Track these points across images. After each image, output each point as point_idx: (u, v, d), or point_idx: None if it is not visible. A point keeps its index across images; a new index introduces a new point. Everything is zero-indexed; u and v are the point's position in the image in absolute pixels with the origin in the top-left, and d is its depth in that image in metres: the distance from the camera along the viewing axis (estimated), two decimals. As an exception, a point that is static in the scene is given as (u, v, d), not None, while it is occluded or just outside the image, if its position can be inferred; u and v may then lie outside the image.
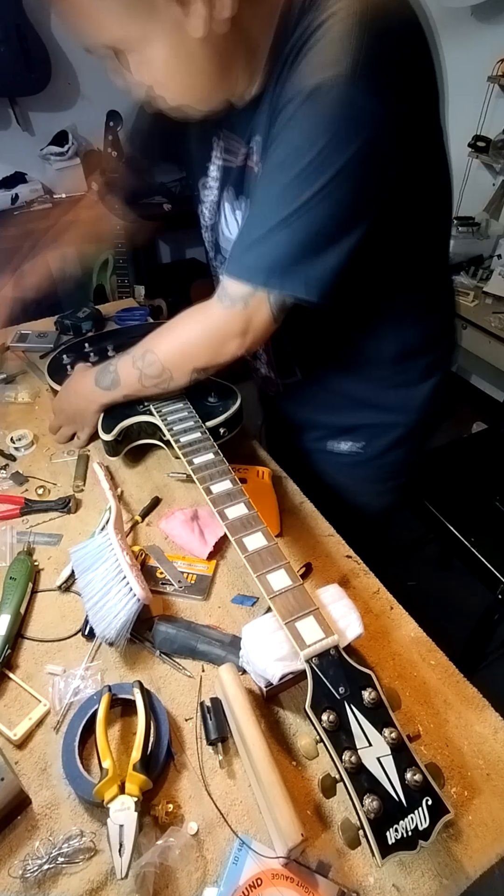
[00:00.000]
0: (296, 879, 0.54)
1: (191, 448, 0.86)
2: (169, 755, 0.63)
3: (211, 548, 0.84)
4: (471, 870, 0.55)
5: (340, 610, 0.64)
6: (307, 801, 0.60)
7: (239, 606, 0.78)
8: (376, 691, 0.54)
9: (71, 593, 0.80)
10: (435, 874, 0.55)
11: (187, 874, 0.55)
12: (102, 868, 0.55)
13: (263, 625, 0.63)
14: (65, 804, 0.60)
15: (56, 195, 2.36)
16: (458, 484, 1.60)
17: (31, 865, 0.55)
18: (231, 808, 0.60)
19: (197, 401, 0.98)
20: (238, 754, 0.63)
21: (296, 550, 0.86)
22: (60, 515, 0.91)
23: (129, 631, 0.71)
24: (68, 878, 0.55)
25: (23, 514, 0.91)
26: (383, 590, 0.80)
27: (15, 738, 0.64)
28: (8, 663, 0.71)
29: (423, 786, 0.49)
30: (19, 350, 1.30)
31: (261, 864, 0.55)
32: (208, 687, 0.69)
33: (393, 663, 0.72)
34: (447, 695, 0.69)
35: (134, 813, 0.55)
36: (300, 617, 0.61)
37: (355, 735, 0.51)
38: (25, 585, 0.78)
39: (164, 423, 0.92)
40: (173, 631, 0.73)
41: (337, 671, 0.56)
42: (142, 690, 0.65)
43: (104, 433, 0.95)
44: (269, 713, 0.67)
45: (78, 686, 0.68)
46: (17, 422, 1.09)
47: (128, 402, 0.99)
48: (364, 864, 0.56)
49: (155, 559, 0.83)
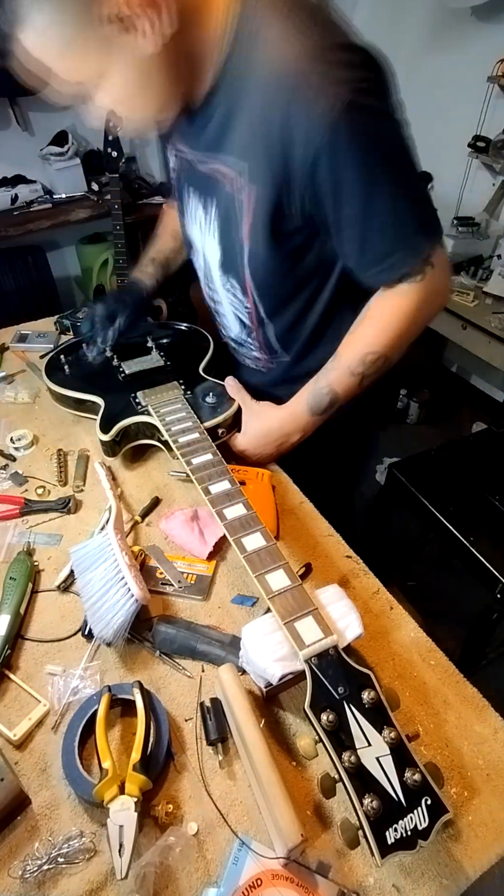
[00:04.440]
0: (296, 880, 0.54)
1: (189, 448, 0.86)
2: (169, 755, 0.63)
3: (211, 548, 0.84)
4: (471, 870, 0.55)
5: (340, 610, 0.64)
6: (307, 802, 0.60)
7: (239, 607, 0.78)
8: (375, 691, 0.54)
9: (70, 593, 0.80)
10: (435, 874, 0.55)
11: (187, 874, 0.55)
12: (102, 868, 0.55)
13: (263, 625, 0.63)
14: (65, 804, 0.60)
15: (56, 195, 2.36)
16: (457, 484, 1.60)
17: (30, 866, 0.55)
18: (231, 809, 0.60)
19: (195, 401, 0.98)
20: (238, 754, 0.63)
21: (295, 550, 0.86)
22: (60, 515, 0.91)
23: (128, 631, 0.71)
24: (68, 878, 0.55)
25: (23, 514, 0.91)
26: (383, 590, 0.80)
27: (15, 738, 0.64)
28: (8, 663, 0.71)
29: (423, 786, 0.49)
30: (19, 350, 1.30)
31: (261, 865, 0.55)
32: (208, 687, 0.69)
33: (392, 663, 0.72)
34: (447, 695, 0.69)
35: (134, 813, 0.55)
36: (299, 617, 0.61)
37: (354, 735, 0.51)
38: (25, 585, 0.78)
39: (163, 423, 0.92)
40: (173, 631, 0.73)
41: (336, 671, 0.56)
42: (142, 691, 0.65)
43: (102, 433, 0.95)
44: (269, 713, 0.67)
45: (77, 686, 0.68)
46: (17, 422, 1.09)
47: (126, 403, 0.99)
48: (364, 864, 0.56)
49: (155, 559, 0.83)
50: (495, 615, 1.47)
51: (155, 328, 1.26)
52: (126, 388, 1.03)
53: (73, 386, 1.06)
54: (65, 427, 1.08)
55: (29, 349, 1.31)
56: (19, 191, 2.31)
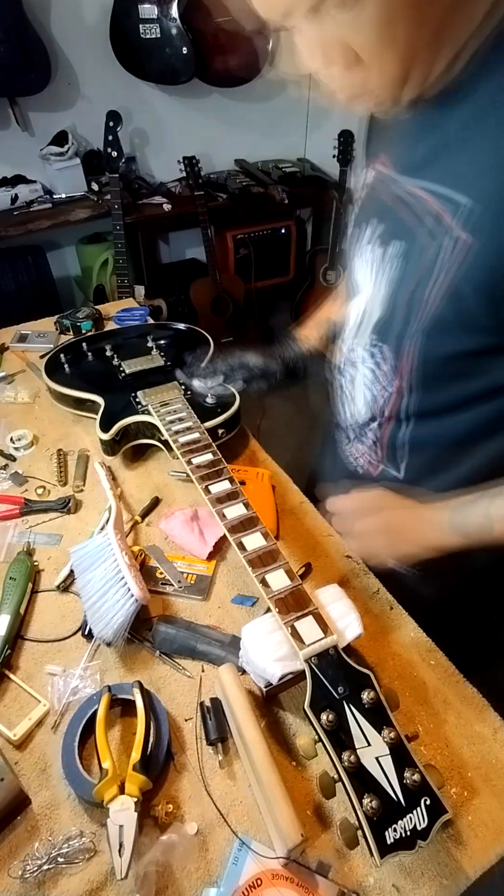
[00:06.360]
0: (295, 880, 0.54)
1: (189, 448, 0.86)
2: (169, 755, 0.63)
3: (211, 548, 0.84)
4: (470, 870, 0.55)
5: (340, 610, 0.64)
6: (307, 801, 0.60)
7: (239, 606, 0.78)
8: (375, 691, 0.54)
9: (70, 593, 0.80)
10: (435, 874, 0.55)
11: (187, 874, 0.55)
12: (102, 868, 0.55)
13: (263, 625, 0.63)
14: (64, 804, 0.60)
15: (56, 195, 2.36)
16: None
17: (30, 866, 0.55)
18: (231, 808, 0.60)
19: (195, 401, 0.98)
20: (238, 754, 0.63)
21: (295, 550, 0.86)
22: (60, 515, 0.91)
23: (128, 631, 0.71)
24: (68, 878, 0.55)
25: (23, 514, 0.91)
26: (383, 590, 0.80)
27: (15, 738, 0.64)
28: (8, 663, 0.71)
29: (422, 786, 0.49)
30: (19, 350, 1.30)
31: (261, 865, 0.55)
32: (208, 687, 0.69)
33: (392, 663, 0.72)
34: (447, 695, 0.69)
35: (134, 813, 0.55)
36: (299, 617, 0.61)
37: (354, 735, 0.51)
38: (25, 585, 0.78)
39: (163, 423, 0.92)
40: (173, 631, 0.73)
41: (336, 671, 0.56)
42: (141, 690, 0.65)
43: (102, 432, 0.95)
44: (269, 713, 0.67)
45: (77, 686, 0.68)
46: (17, 422, 1.09)
47: (126, 402, 0.99)
48: (364, 864, 0.56)
49: (155, 559, 0.83)
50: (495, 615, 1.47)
51: (155, 328, 1.26)
52: (126, 388, 1.03)
53: (74, 385, 1.06)
54: (65, 427, 1.08)
55: (29, 349, 1.31)
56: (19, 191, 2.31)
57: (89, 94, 2.37)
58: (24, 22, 2.02)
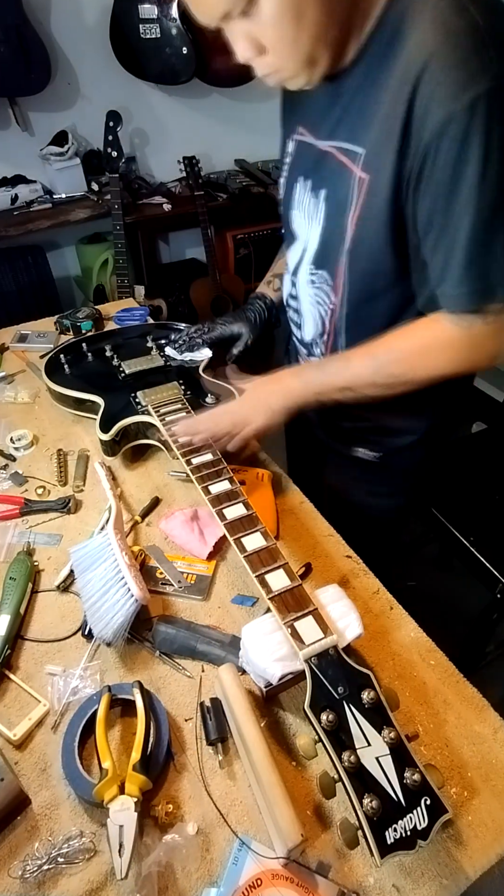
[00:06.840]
0: (295, 880, 0.54)
1: (189, 448, 0.86)
2: (169, 755, 0.63)
3: (211, 548, 0.84)
4: (471, 870, 0.55)
5: (340, 610, 0.64)
6: (307, 802, 0.60)
7: (239, 606, 0.78)
8: (375, 691, 0.54)
9: (70, 593, 0.80)
10: (435, 874, 0.55)
11: (187, 874, 0.55)
12: (102, 868, 0.55)
13: (263, 625, 0.63)
14: (64, 804, 0.60)
15: (56, 195, 2.35)
16: (457, 484, 1.60)
17: (30, 866, 0.55)
18: (231, 809, 0.60)
19: (195, 402, 0.98)
20: (238, 754, 0.63)
21: (295, 550, 0.86)
22: (60, 515, 0.91)
23: (127, 631, 0.71)
24: (68, 878, 0.55)
25: (23, 514, 0.91)
26: (383, 590, 0.80)
27: (15, 738, 0.64)
28: (8, 663, 0.71)
29: (422, 786, 0.49)
30: (19, 350, 1.30)
31: (261, 865, 0.55)
32: (208, 687, 0.69)
33: (392, 663, 0.72)
34: (447, 695, 0.69)
35: (134, 813, 0.55)
36: (299, 617, 0.61)
37: (354, 735, 0.51)
38: (25, 585, 0.78)
39: (163, 423, 0.92)
40: (173, 631, 0.73)
41: (336, 671, 0.56)
42: (141, 691, 0.65)
43: (102, 433, 0.95)
44: (269, 713, 0.67)
45: (77, 686, 0.68)
46: (17, 422, 1.09)
47: (126, 403, 0.99)
48: (364, 864, 0.56)
49: (155, 559, 0.83)
50: (495, 615, 1.47)
51: (154, 328, 1.26)
52: (126, 388, 1.03)
53: (74, 385, 1.06)
54: (65, 427, 1.08)
55: (29, 349, 1.31)
56: (19, 191, 2.31)
57: (89, 94, 2.37)
58: (24, 22, 2.02)
